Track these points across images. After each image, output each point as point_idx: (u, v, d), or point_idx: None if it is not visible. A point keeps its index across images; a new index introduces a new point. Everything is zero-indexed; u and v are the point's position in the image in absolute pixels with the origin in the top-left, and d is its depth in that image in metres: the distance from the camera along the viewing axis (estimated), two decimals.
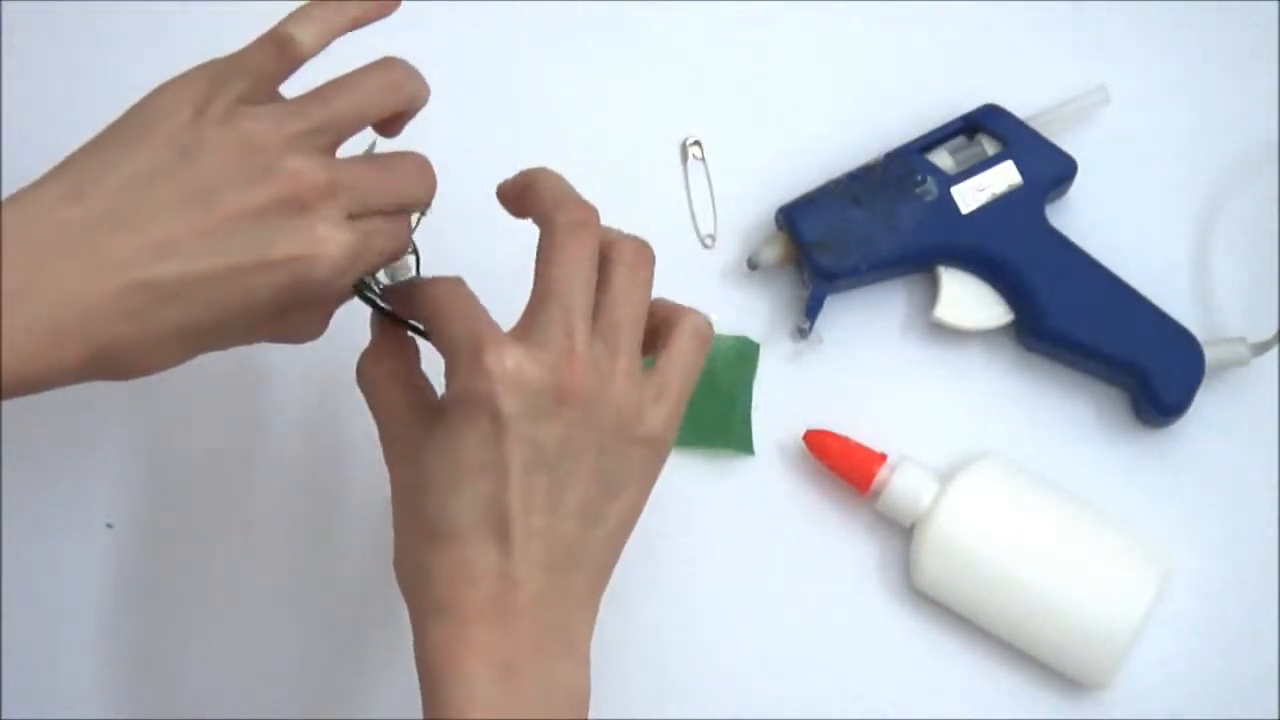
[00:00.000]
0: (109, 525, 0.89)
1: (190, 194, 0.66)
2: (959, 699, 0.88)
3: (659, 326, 0.73)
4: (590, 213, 0.72)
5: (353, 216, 0.68)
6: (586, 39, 0.94)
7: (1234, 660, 0.88)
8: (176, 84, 0.68)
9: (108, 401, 0.90)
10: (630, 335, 0.71)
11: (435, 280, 0.72)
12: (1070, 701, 0.87)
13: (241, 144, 0.66)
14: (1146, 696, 0.87)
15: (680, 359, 0.73)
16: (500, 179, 0.75)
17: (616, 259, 0.72)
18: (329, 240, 0.67)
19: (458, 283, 0.72)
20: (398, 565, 0.72)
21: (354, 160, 0.70)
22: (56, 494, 0.90)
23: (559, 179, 0.73)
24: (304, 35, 0.68)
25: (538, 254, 0.71)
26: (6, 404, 0.85)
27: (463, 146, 0.90)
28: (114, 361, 0.66)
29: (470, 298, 0.71)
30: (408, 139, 0.72)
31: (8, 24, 0.92)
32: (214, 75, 0.68)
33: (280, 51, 0.68)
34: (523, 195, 0.73)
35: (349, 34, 0.70)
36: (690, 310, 0.74)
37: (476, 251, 0.76)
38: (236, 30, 0.71)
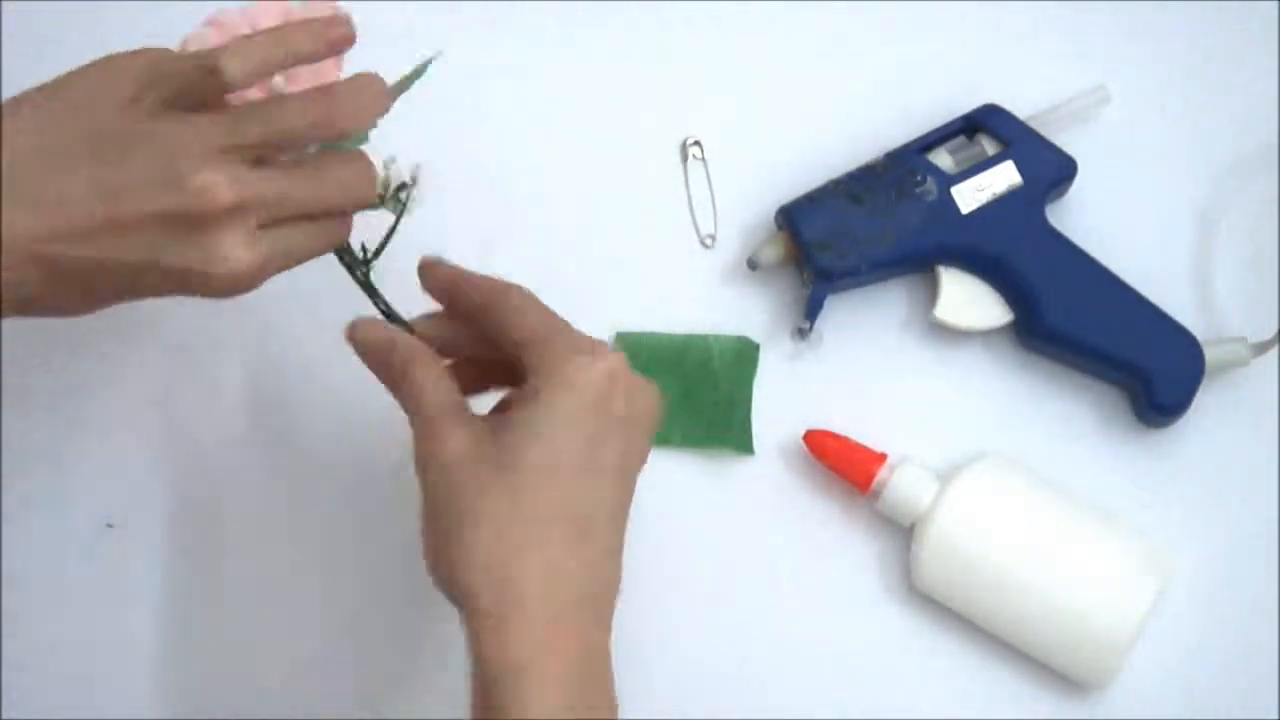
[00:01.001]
0: (109, 525, 0.89)
1: (102, 186, 0.67)
2: (959, 699, 0.88)
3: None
4: None
5: (265, 226, 0.69)
6: (586, 39, 0.94)
7: (1234, 660, 0.88)
8: (121, 62, 0.70)
9: (108, 401, 0.90)
10: None
11: (511, 286, 0.74)
12: (1070, 701, 0.87)
13: (162, 147, 0.67)
14: (1146, 697, 0.87)
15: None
16: (501, 179, 0.75)
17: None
18: (228, 260, 0.68)
19: (529, 293, 0.75)
20: (450, 566, 0.71)
21: (275, 171, 0.70)
22: (56, 494, 0.89)
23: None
24: (233, 68, 0.69)
25: (504, 325, 0.74)
26: (7, 404, 0.85)
27: (463, 148, 0.90)
28: (21, 307, 0.69)
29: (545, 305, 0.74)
30: (409, 138, 0.72)
31: (7, 24, 0.92)
32: (154, 66, 0.69)
33: (207, 77, 0.69)
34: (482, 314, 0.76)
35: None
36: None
37: (476, 260, 0.76)
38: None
